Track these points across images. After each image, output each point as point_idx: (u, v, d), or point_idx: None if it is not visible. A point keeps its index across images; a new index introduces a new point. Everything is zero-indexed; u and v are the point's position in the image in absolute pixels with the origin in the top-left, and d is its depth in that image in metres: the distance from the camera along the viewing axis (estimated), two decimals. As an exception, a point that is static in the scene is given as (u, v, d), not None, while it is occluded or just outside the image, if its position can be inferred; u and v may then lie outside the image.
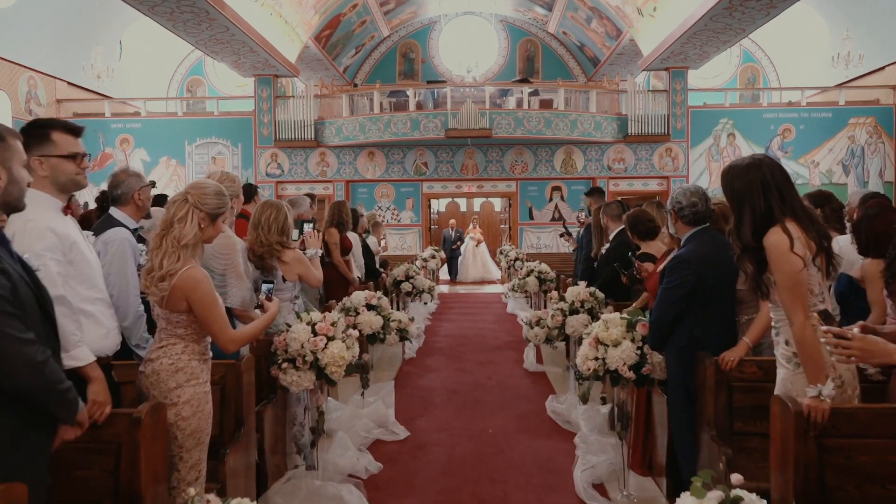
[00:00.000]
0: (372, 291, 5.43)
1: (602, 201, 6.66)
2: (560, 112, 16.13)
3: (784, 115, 16.83)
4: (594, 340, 3.70)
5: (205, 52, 14.55)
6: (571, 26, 20.30)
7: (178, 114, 17.58)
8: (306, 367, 3.61)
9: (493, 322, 10.82)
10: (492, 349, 8.48)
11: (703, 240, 3.25)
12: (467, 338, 9.32)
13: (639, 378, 3.61)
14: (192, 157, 17.33)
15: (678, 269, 3.18)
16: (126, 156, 17.13)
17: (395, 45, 22.50)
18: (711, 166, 16.96)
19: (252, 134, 17.11)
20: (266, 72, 16.38)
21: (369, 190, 17.62)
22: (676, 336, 3.29)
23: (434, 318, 11.32)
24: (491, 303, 13.23)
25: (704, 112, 17.02)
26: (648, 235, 4.72)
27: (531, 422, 5.36)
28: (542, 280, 8.82)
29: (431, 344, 8.89)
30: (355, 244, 7.58)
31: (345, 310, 5.32)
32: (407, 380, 6.87)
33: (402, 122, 16.02)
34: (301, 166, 17.23)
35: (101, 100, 17.30)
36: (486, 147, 17.19)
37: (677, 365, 3.34)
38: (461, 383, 6.70)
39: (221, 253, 3.36)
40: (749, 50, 21.21)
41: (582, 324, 5.11)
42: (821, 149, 16.73)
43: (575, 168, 17.20)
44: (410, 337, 7.40)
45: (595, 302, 5.21)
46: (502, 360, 7.75)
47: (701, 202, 3.29)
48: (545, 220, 17.48)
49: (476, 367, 7.44)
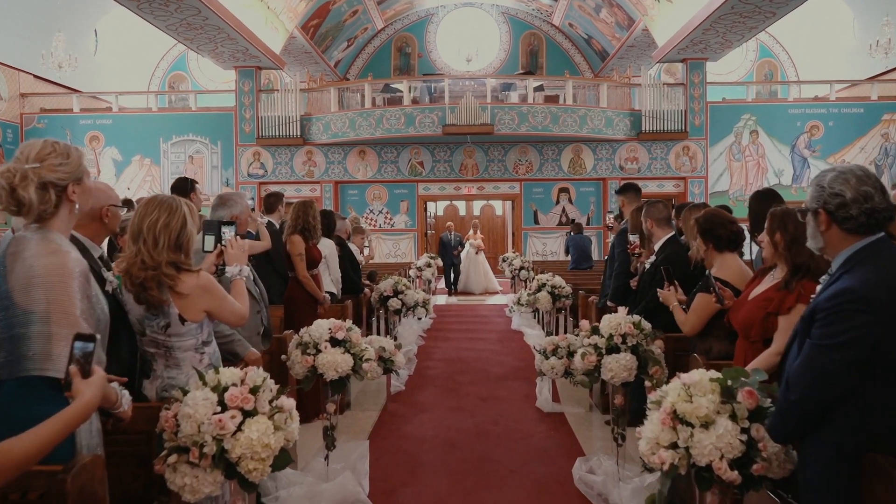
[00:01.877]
0: (340, 320, 4.04)
1: (638, 200, 5.28)
2: (568, 107, 14.78)
3: (811, 110, 15.52)
4: (669, 415, 2.31)
5: (177, 38, 13.20)
6: (578, 17, 18.97)
7: (153, 109, 16.19)
8: (207, 462, 2.23)
9: (497, 341, 9.43)
10: (496, 379, 7.09)
11: (885, 260, 1.86)
12: (467, 363, 7.93)
13: (747, 481, 2.21)
14: (168, 156, 15.98)
15: (849, 313, 1.79)
16: (96, 154, 15.77)
17: (390, 39, 21.20)
18: (733, 166, 15.62)
19: (233, 131, 15.75)
20: (247, 63, 15.04)
21: (360, 192, 16.24)
22: (829, 426, 1.92)
23: (429, 335, 9.95)
24: (493, 317, 11.84)
25: (724, 107, 15.69)
26: (731, 244, 3.37)
27: (554, 497, 3.98)
28: (557, 296, 7.44)
29: (424, 371, 7.50)
30: (330, 254, 6.21)
31: (301, 345, 3.93)
32: (391, 425, 5.48)
33: (395, 118, 14.66)
34: (286, 166, 15.87)
35: (69, 94, 15.94)
36: (487, 145, 15.83)
37: (827, 474, 1.95)
38: (459, 431, 5.31)
39: (44, 282, 1.94)
40: (766, 44, 19.93)
41: (626, 368, 3.74)
42: (851, 147, 15.41)
43: (584, 168, 15.85)
44: (397, 368, 6.05)
45: (642, 337, 3.83)
46: (509, 395, 6.37)
47: (877, 193, 1.89)
48: (551, 225, 16.12)
49: (478, 406, 6.05)
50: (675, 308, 3.60)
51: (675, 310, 3.62)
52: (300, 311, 5.58)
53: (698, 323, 3.46)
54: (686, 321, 3.49)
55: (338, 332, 3.94)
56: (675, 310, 3.62)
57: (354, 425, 5.41)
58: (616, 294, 5.13)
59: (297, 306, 5.62)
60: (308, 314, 5.57)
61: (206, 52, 14.18)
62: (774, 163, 15.67)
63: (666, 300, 3.67)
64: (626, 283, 5.04)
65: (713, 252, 3.48)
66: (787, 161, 15.67)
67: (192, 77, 20.28)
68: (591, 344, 3.90)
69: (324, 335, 3.93)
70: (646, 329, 3.89)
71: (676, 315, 3.59)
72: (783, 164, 15.68)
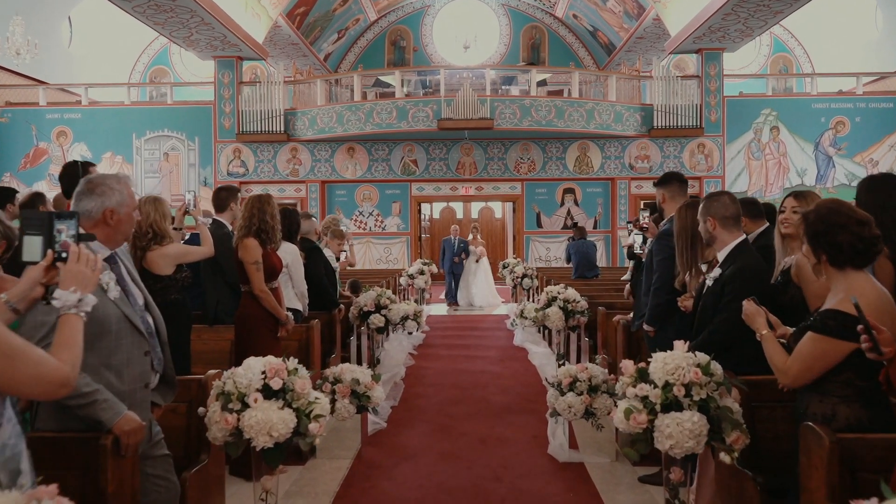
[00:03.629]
0: (281, 360, 2.86)
1: (685, 195, 4.11)
2: (574, 100, 13.64)
3: (837, 105, 14.39)
4: None
5: (146, 23, 12.05)
6: (583, 7, 17.86)
7: (125, 102, 15.00)
8: None
9: (498, 360, 8.24)
10: (498, 412, 5.91)
11: None
12: (463, 389, 6.75)
13: None
14: (142, 153, 14.82)
15: None
16: (63, 152, 14.59)
17: (384, 32, 20.08)
18: (751, 165, 14.49)
19: (211, 126, 14.58)
20: (227, 53, 13.89)
21: (349, 192, 15.06)
22: None
23: (420, 352, 8.77)
24: (493, 330, 10.65)
25: (743, 102, 14.56)
26: (859, 258, 2.23)
27: None
28: (570, 312, 6.24)
29: (412, 400, 6.31)
30: (293, 262, 5.03)
31: (224, 395, 2.74)
32: (365, 483, 4.29)
33: (386, 112, 13.50)
34: (269, 164, 14.70)
35: (35, 86, 14.76)
36: (486, 142, 14.66)
37: None
38: (453, 492, 4.13)
39: None
40: (780, 38, 18.84)
41: (692, 434, 2.55)
42: (880, 145, 14.29)
43: (591, 167, 14.70)
44: (375, 405, 4.86)
45: (712, 386, 2.64)
46: (515, 436, 5.18)
47: None
48: (555, 229, 14.96)
49: (476, 449, 4.87)
50: (766, 341, 2.44)
51: (766, 342, 2.45)
52: (255, 335, 4.41)
53: (809, 375, 2.29)
54: (788, 368, 2.32)
55: (274, 378, 2.75)
56: (766, 342, 2.45)
57: (315, 484, 4.22)
58: (655, 315, 3.96)
59: (251, 328, 4.44)
60: (265, 338, 4.41)
61: (181, 39, 13.01)
62: (797, 161, 14.53)
63: (752, 321, 2.52)
64: (668, 301, 3.87)
65: (829, 269, 2.30)
66: (811, 160, 14.53)
67: (175, 72, 19.13)
68: (638, 395, 2.71)
69: (254, 382, 2.74)
70: (716, 374, 2.71)
71: (772, 355, 2.42)
72: (806, 163, 14.53)
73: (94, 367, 2.24)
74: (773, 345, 2.41)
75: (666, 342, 3.96)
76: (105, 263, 2.35)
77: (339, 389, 4.61)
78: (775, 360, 2.38)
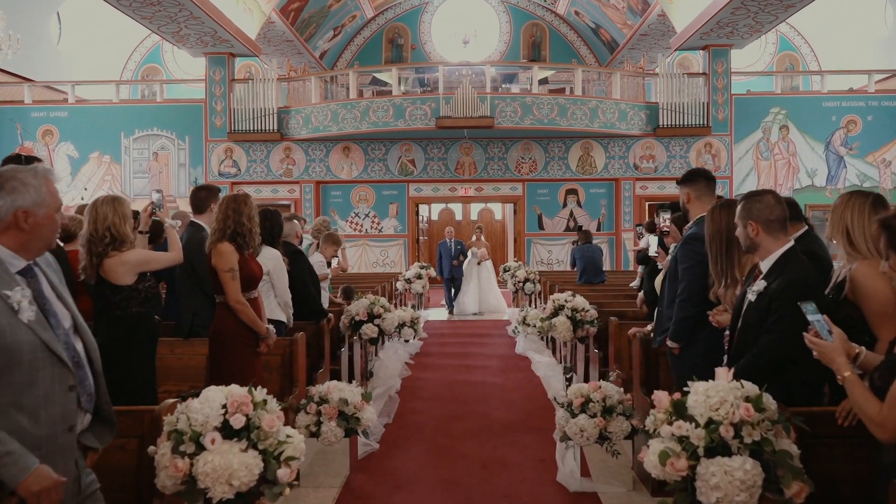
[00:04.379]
0: (247, 391, 2.39)
1: (713, 195, 3.66)
2: (577, 98, 13.20)
3: (848, 103, 13.96)
4: None
5: (133, 17, 11.60)
6: (586, 4, 17.43)
7: (113, 100, 14.54)
8: None
9: (500, 371, 7.79)
10: (501, 429, 5.45)
11: None
12: (462, 403, 6.29)
13: None
14: (130, 153, 14.36)
15: None
16: (49, 151, 14.13)
17: (381, 30, 19.64)
18: (760, 165, 14.05)
19: (202, 124, 14.12)
20: (218, 49, 13.44)
21: (344, 193, 14.59)
22: None
23: (417, 361, 8.31)
24: (493, 336, 10.19)
25: (751, 100, 14.12)
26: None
27: None
28: (578, 322, 5.77)
29: (408, 416, 5.85)
30: (275, 269, 4.57)
31: (176, 434, 2.27)
32: (352, 517, 3.83)
33: (383, 109, 13.05)
34: (261, 164, 14.25)
35: (20, 83, 14.30)
36: (486, 141, 14.21)
37: None
38: (450, 529, 3.67)
39: None
40: (786, 36, 18.43)
41: (744, 485, 2.08)
42: (893, 144, 13.89)
43: (594, 167, 14.25)
44: (366, 429, 4.42)
45: (767, 425, 2.18)
46: (520, 459, 4.72)
47: None
48: (558, 231, 14.51)
49: (477, 477, 4.41)
50: (851, 385, 1.96)
51: (852, 387, 1.96)
52: (231, 351, 3.93)
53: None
54: (886, 419, 1.84)
55: (235, 415, 2.27)
56: (852, 387, 1.96)
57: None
58: (680, 330, 3.49)
59: (226, 344, 3.94)
60: (243, 354, 3.94)
61: (170, 34, 12.55)
62: (807, 161, 14.09)
63: (831, 360, 2.05)
64: (695, 314, 3.40)
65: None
66: (821, 159, 14.08)
67: (168, 70, 18.68)
68: (676, 435, 2.24)
69: (211, 419, 2.27)
70: (770, 409, 2.24)
71: (861, 403, 1.93)
72: (816, 163, 14.09)
73: (1, 407, 1.78)
74: (861, 390, 1.93)
75: (692, 360, 3.51)
76: (19, 278, 1.90)
77: (326, 410, 4.16)
78: (866, 409, 1.89)
